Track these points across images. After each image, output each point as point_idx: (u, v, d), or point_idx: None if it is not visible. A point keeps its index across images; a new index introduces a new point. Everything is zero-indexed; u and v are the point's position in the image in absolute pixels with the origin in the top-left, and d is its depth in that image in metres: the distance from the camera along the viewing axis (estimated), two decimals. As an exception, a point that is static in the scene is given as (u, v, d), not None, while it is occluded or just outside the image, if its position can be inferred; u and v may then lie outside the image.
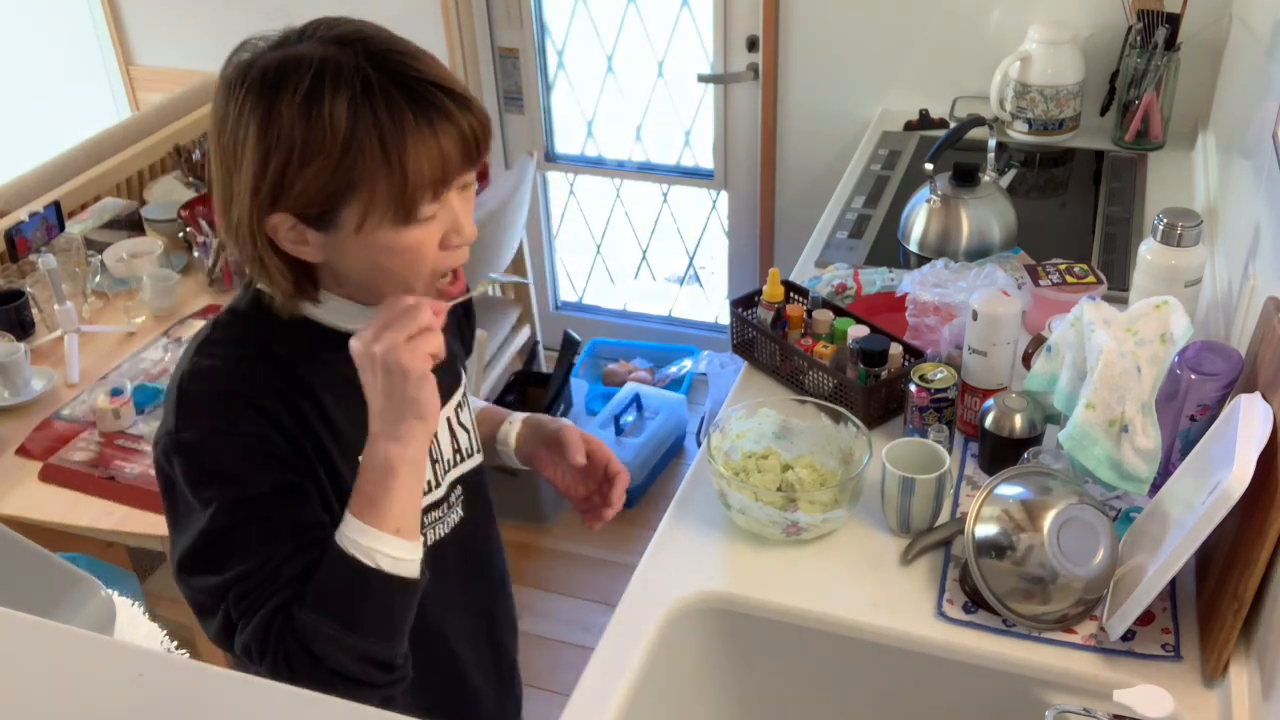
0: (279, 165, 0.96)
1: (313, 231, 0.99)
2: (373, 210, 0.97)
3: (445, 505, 1.19)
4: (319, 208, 0.98)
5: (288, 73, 0.97)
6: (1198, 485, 1.23)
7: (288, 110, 0.95)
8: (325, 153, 0.95)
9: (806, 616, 1.36)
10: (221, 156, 1.00)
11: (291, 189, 0.96)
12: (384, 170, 0.96)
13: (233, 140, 0.98)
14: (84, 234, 2.50)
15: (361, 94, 0.96)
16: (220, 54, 1.08)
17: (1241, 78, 2.09)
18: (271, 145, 0.96)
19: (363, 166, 0.95)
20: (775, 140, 2.85)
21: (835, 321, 1.69)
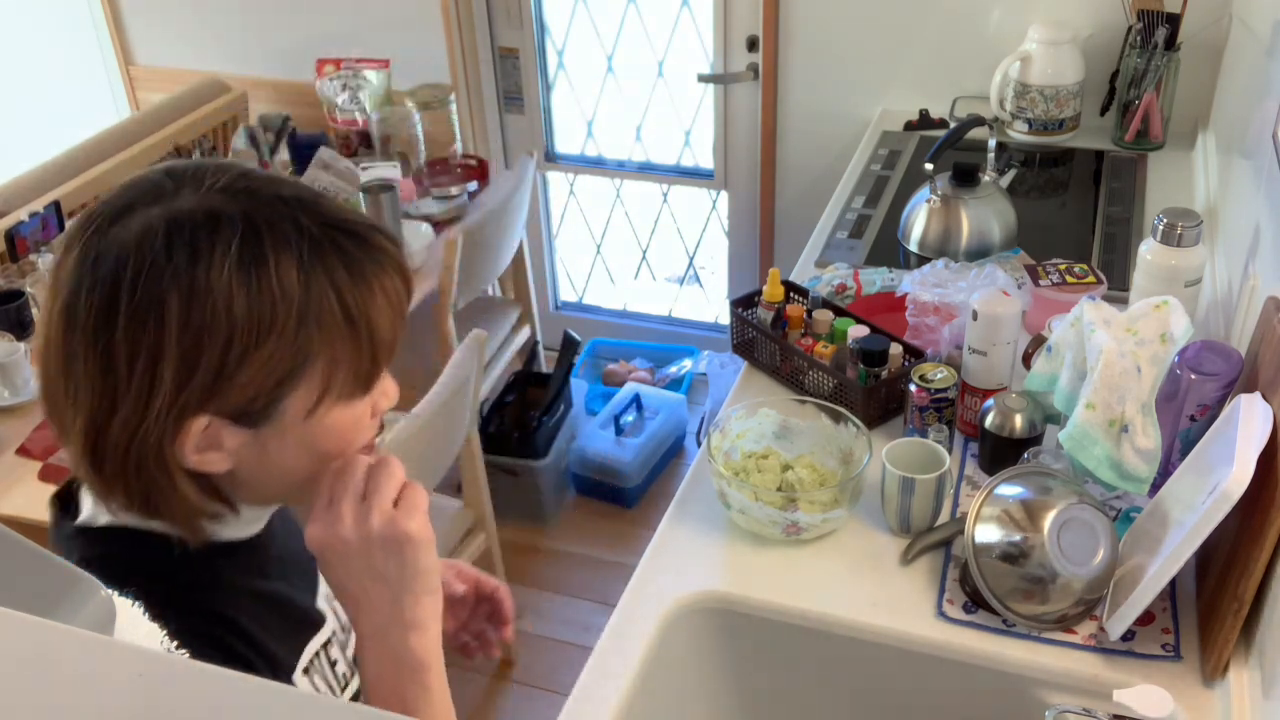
0: (216, 356, 0.74)
1: (236, 431, 0.78)
2: (332, 387, 0.80)
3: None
4: (263, 399, 0.77)
5: (202, 233, 0.75)
6: (1198, 485, 1.23)
7: (219, 281, 0.74)
8: (278, 329, 0.75)
9: (806, 616, 1.36)
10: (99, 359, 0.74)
11: (231, 384, 0.75)
12: (348, 337, 0.79)
13: (127, 334, 0.74)
14: (84, 234, 2.50)
15: (309, 248, 0.77)
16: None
17: (1241, 78, 2.09)
18: (203, 331, 0.74)
19: (322, 337, 0.78)
20: (775, 140, 2.85)
21: (835, 321, 1.69)
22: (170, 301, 0.73)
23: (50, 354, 0.77)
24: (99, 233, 0.75)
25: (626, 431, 2.90)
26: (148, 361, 0.74)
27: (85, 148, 2.75)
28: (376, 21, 3.05)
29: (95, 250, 0.75)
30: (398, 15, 3.01)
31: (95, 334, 0.74)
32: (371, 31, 3.06)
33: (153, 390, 0.75)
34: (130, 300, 0.73)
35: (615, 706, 1.25)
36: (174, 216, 0.75)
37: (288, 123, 2.83)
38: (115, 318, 0.74)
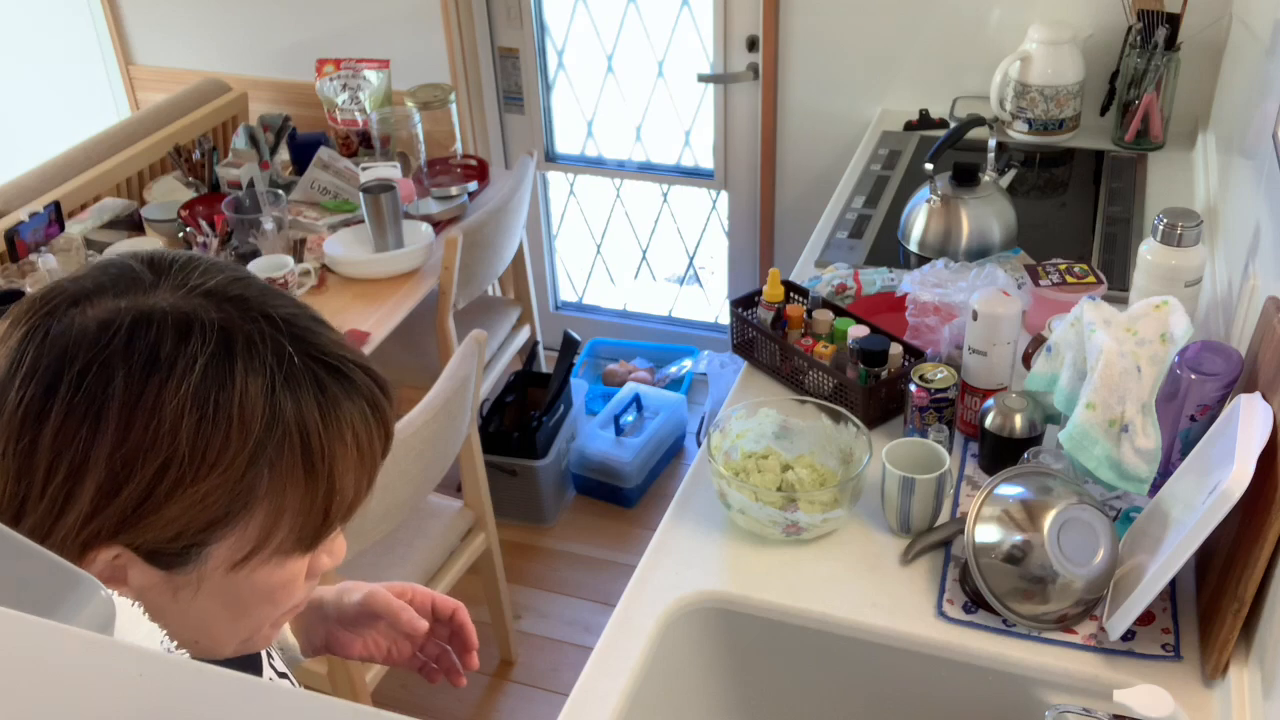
0: (145, 482, 0.64)
1: (146, 569, 0.68)
2: (269, 540, 0.69)
3: None
4: (185, 540, 0.67)
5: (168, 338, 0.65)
6: (1198, 485, 1.23)
7: (171, 398, 0.64)
8: (224, 465, 0.65)
9: (806, 616, 1.36)
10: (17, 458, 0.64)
11: (155, 517, 0.65)
12: (304, 486, 0.68)
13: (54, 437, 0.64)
14: (84, 234, 2.49)
15: (283, 379, 0.67)
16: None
17: (1241, 78, 2.09)
18: (139, 451, 0.64)
19: (272, 483, 0.67)
20: (775, 140, 2.85)
21: (835, 321, 1.69)
22: (110, 409, 0.63)
23: None
24: (54, 314, 0.66)
25: (626, 431, 2.89)
26: (69, 473, 0.64)
27: (85, 148, 2.75)
28: (376, 21, 3.05)
29: (44, 332, 0.65)
30: (398, 15, 3.01)
31: (20, 428, 0.64)
32: (371, 31, 3.06)
33: (65, 508, 0.64)
34: (68, 398, 0.63)
35: (615, 706, 1.25)
36: (142, 313, 0.65)
37: (288, 123, 2.83)
38: (46, 417, 0.63)
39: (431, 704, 2.40)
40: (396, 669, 0.93)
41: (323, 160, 2.67)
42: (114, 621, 0.61)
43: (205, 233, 2.38)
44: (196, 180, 2.69)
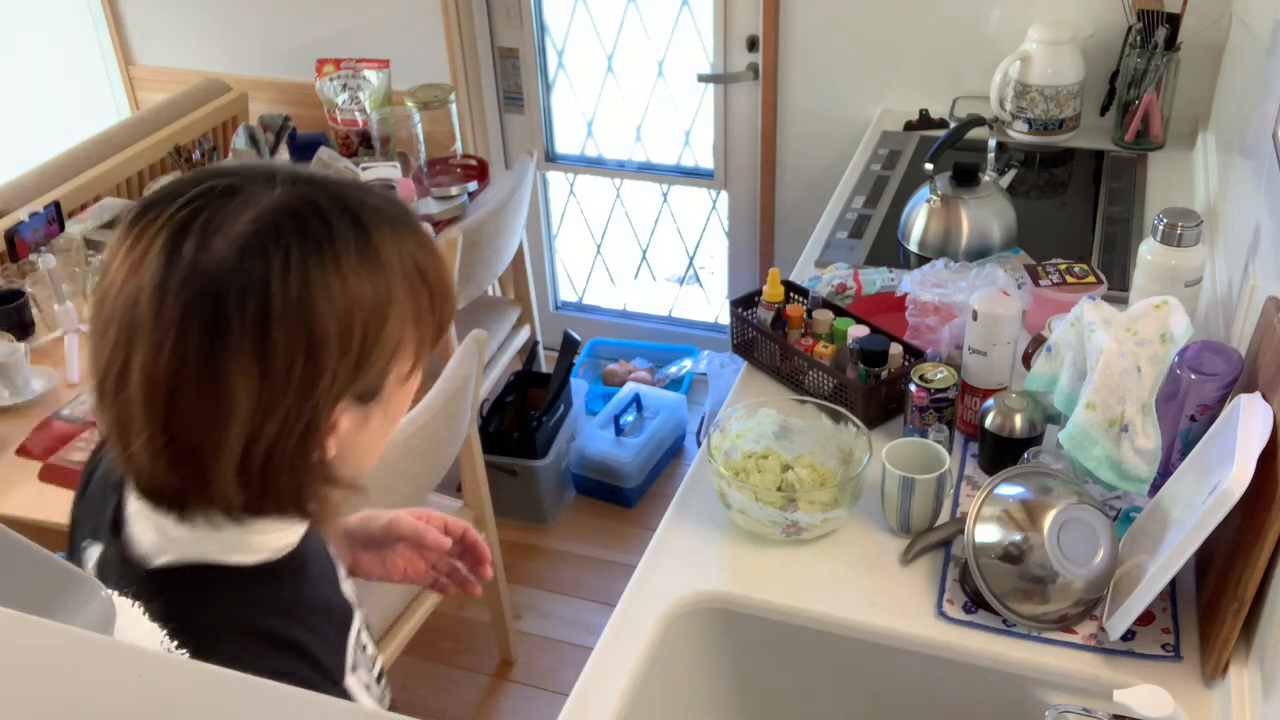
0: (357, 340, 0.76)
1: (354, 412, 0.81)
2: (421, 352, 0.84)
3: None
4: (381, 375, 0.80)
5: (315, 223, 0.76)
6: (1198, 485, 1.23)
7: (349, 269, 0.76)
8: (395, 304, 0.79)
9: (806, 616, 1.36)
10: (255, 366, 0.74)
11: (367, 365, 0.78)
12: (428, 302, 0.83)
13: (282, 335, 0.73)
14: (84, 234, 2.49)
15: (388, 227, 0.80)
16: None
17: (1241, 78, 2.09)
18: (349, 317, 0.76)
19: (415, 306, 0.81)
20: (775, 140, 2.85)
21: (835, 321, 1.69)
22: (320, 290, 0.74)
23: (186, 377, 0.73)
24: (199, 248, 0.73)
25: (626, 431, 2.89)
26: (305, 360, 0.74)
27: (85, 148, 2.75)
28: (376, 21, 3.05)
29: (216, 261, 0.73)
30: (398, 15, 3.01)
31: (254, 336, 0.73)
32: (371, 31, 3.06)
33: (312, 384, 0.75)
34: (285, 299, 0.73)
35: (615, 706, 1.25)
36: (279, 211, 0.75)
37: (288, 123, 2.83)
38: (268, 323, 0.73)
39: (432, 704, 2.40)
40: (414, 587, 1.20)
41: (323, 160, 2.67)
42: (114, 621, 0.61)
43: (205, 233, 2.38)
44: (196, 180, 2.69)
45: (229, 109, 3.07)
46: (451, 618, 2.59)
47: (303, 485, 0.79)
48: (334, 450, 0.80)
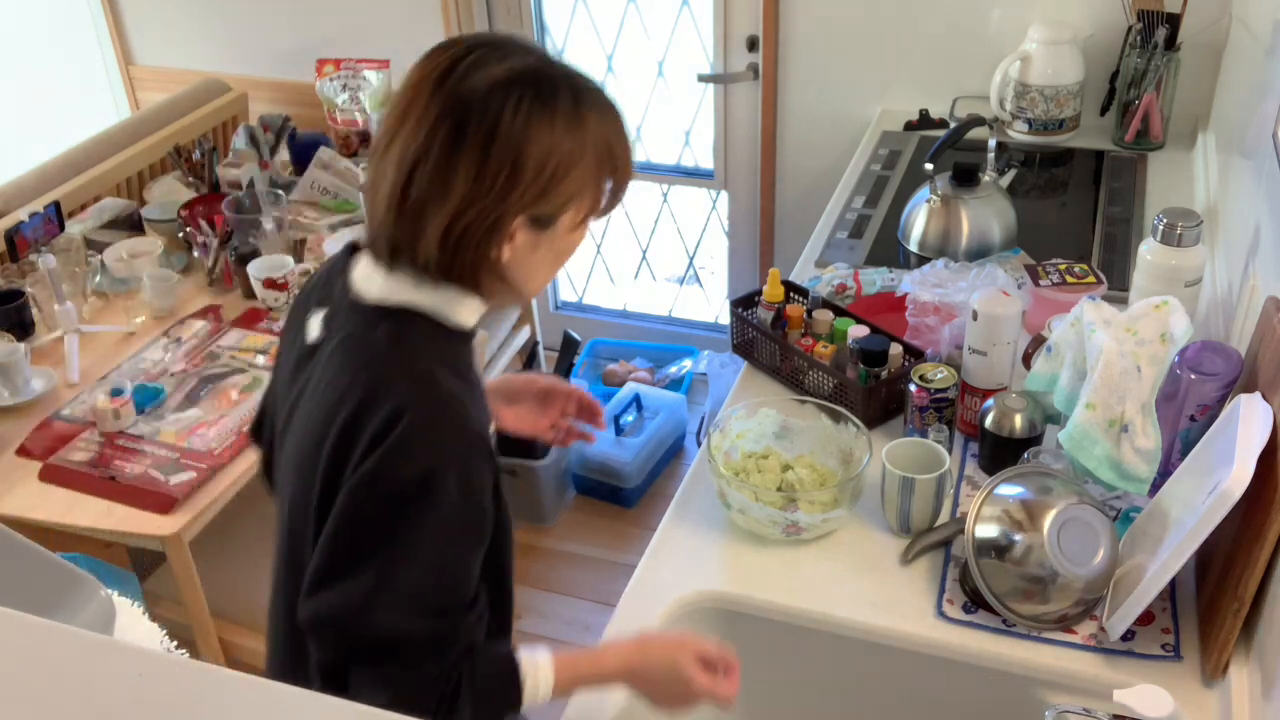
0: (549, 173, 1.03)
1: (529, 233, 1.06)
2: (593, 210, 1.10)
3: None
4: (554, 213, 1.06)
5: (547, 84, 1.04)
6: (1198, 485, 1.23)
7: (560, 121, 1.03)
8: (584, 161, 1.05)
9: (806, 616, 1.36)
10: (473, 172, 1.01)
11: (548, 195, 1.04)
12: (610, 176, 1.09)
13: (500, 153, 1.01)
14: (84, 234, 2.49)
15: (598, 108, 1.07)
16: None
17: (1241, 78, 2.09)
18: (548, 154, 1.03)
19: (598, 173, 1.07)
20: (775, 140, 2.85)
21: (835, 321, 1.69)
22: (534, 132, 1.01)
23: (427, 164, 1.02)
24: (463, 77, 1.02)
25: (626, 431, 2.89)
26: (510, 172, 1.01)
27: (85, 148, 2.75)
28: (376, 21, 3.05)
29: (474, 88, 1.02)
30: (398, 15, 3.01)
31: (483, 142, 1.01)
32: (371, 31, 3.06)
33: (509, 190, 1.02)
34: (510, 125, 1.01)
35: (616, 706, 1.25)
36: (525, 72, 1.03)
37: (288, 123, 2.83)
38: (495, 136, 1.01)
39: (431, 704, 2.40)
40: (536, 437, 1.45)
41: (323, 160, 2.67)
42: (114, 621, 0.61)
43: (205, 233, 2.38)
44: (196, 180, 2.69)
45: (229, 109, 3.07)
46: (451, 618, 2.59)
47: (480, 266, 1.06)
48: (508, 256, 1.06)
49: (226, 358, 2.18)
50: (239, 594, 2.07)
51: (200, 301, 2.36)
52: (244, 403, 2.04)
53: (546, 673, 1.11)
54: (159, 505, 1.83)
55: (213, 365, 2.15)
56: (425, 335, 1.07)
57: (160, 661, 0.50)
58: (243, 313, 2.31)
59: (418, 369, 1.04)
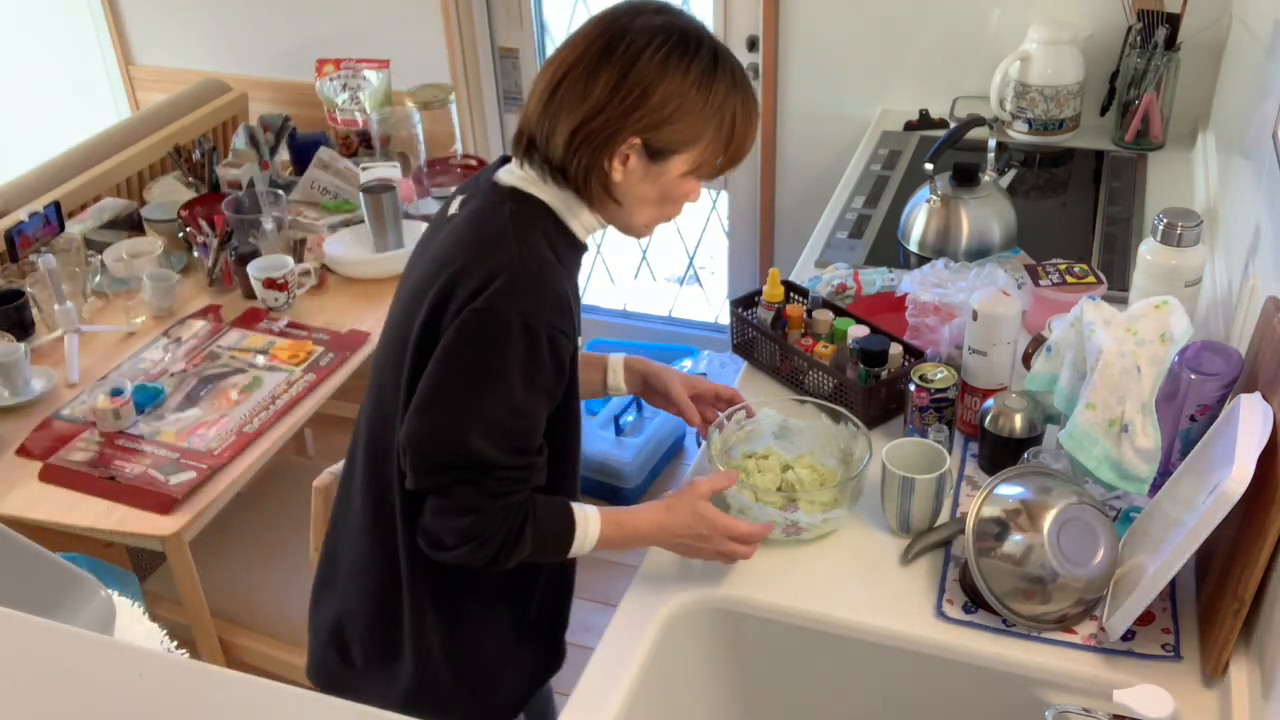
0: (669, 109, 1.19)
1: (642, 161, 1.23)
2: (699, 167, 1.25)
3: None
4: (666, 150, 1.22)
5: (693, 43, 1.21)
6: (1198, 485, 1.23)
7: (693, 74, 1.20)
8: (699, 114, 1.21)
9: (806, 616, 1.36)
10: (611, 85, 1.19)
11: (662, 129, 1.20)
12: (725, 144, 1.24)
13: (636, 76, 1.19)
14: (84, 234, 2.49)
15: (732, 82, 1.23)
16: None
17: (1241, 78, 2.09)
18: (672, 94, 1.19)
19: (713, 135, 1.23)
20: (775, 140, 2.85)
21: (835, 321, 1.69)
22: (668, 73, 1.19)
23: (578, 67, 1.20)
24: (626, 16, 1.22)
25: (626, 431, 2.89)
26: (639, 95, 1.19)
27: (85, 148, 2.75)
28: (376, 21, 3.05)
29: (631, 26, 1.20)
30: (398, 15, 3.01)
31: (624, 65, 1.19)
32: (371, 31, 3.06)
33: (633, 110, 1.19)
34: (649, 59, 1.18)
35: (615, 706, 1.25)
36: (676, 28, 1.21)
37: (288, 123, 2.83)
38: (635, 64, 1.18)
39: (431, 704, 2.39)
40: None
41: (323, 160, 2.67)
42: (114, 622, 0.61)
43: (205, 233, 2.38)
44: (196, 180, 2.69)
45: (229, 109, 3.07)
46: (451, 618, 2.59)
47: (593, 174, 1.22)
48: (619, 175, 1.22)
49: (226, 358, 2.18)
50: (239, 594, 2.07)
51: (200, 301, 2.36)
52: (244, 403, 2.04)
53: (595, 524, 1.30)
54: (159, 505, 1.83)
55: (213, 365, 2.15)
56: (544, 224, 1.25)
57: (160, 661, 0.50)
58: (243, 313, 2.31)
59: (530, 240, 1.22)
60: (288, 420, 2.01)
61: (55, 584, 0.57)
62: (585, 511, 1.30)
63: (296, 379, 2.10)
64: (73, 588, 0.56)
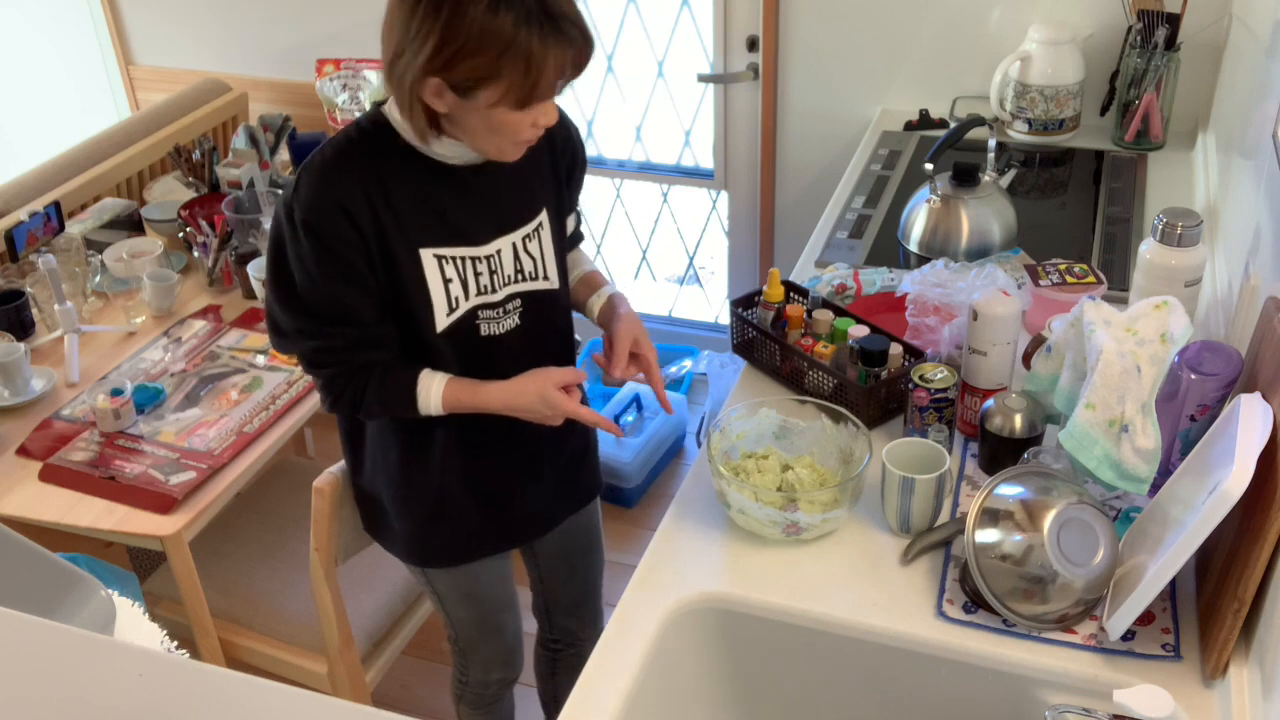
0: (455, 50, 1.27)
1: (453, 96, 1.32)
2: (504, 98, 1.31)
3: (500, 310, 1.52)
4: (467, 86, 1.30)
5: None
6: (1198, 485, 1.23)
7: (474, 12, 1.25)
8: (490, 51, 1.27)
9: (806, 616, 1.36)
10: (405, 27, 1.29)
11: (455, 68, 1.28)
12: (523, 74, 1.29)
13: (422, 22, 1.27)
14: (84, 234, 2.50)
15: (524, 15, 1.26)
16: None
17: (1241, 78, 2.09)
18: (454, 35, 1.26)
19: (510, 68, 1.28)
20: (775, 140, 2.85)
21: (835, 321, 1.69)
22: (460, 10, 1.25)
23: (391, 10, 1.33)
24: None
25: (626, 431, 2.89)
26: (427, 36, 1.27)
27: (85, 148, 2.75)
28: (376, 21, 3.03)
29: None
30: (398, 15, 3.01)
31: (416, 6, 1.27)
32: (371, 31, 3.03)
33: (424, 52, 1.28)
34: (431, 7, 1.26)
35: (615, 706, 1.25)
36: None
37: (288, 123, 2.83)
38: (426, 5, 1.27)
39: (432, 704, 2.40)
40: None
41: (323, 160, 2.66)
42: (114, 621, 0.61)
43: (205, 233, 2.38)
44: (196, 180, 2.69)
45: (229, 109, 3.07)
46: (451, 618, 2.59)
47: (410, 102, 1.34)
48: (444, 109, 1.34)
49: (226, 358, 2.18)
50: (239, 594, 2.07)
51: (200, 301, 2.36)
52: (244, 403, 2.04)
53: (439, 386, 1.48)
54: (159, 505, 1.83)
55: (213, 365, 2.15)
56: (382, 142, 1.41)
57: (160, 661, 0.50)
58: (243, 313, 2.31)
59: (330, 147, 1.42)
60: (288, 420, 2.01)
61: (55, 584, 0.57)
62: (433, 376, 1.48)
63: (296, 379, 2.10)
64: (73, 588, 0.56)
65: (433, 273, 1.44)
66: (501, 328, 1.53)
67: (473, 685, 1.93)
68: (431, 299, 1.45)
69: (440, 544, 1.68)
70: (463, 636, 1.84)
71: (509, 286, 1.52)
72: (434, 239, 1.44)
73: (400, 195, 1.41)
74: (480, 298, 1.49)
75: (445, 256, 1.45)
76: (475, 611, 1.80)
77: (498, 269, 1.50)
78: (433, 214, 1.43)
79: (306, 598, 2.00)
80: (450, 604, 1.78)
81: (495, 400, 1.50)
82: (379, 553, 1.80)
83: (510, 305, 1.53)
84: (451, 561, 1.71)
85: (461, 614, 1.80)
